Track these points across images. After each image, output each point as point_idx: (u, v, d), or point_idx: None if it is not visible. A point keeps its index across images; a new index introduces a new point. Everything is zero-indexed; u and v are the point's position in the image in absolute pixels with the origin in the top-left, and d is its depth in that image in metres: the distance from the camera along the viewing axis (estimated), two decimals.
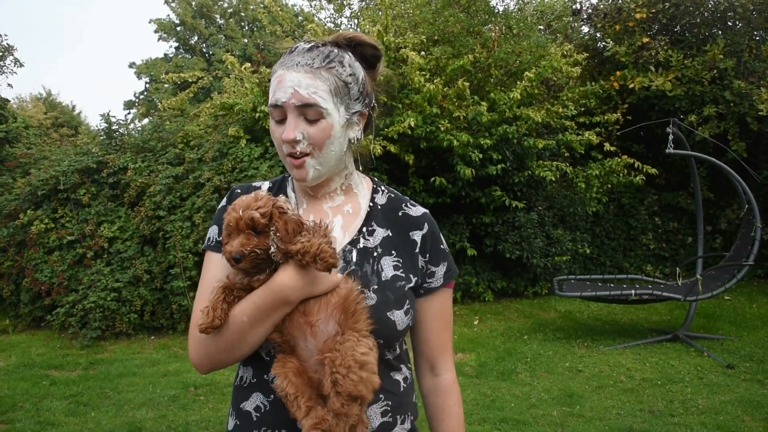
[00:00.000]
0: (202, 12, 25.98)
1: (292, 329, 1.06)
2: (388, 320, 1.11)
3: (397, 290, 1.15)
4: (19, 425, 3.86)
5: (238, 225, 1.03)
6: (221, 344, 1.06)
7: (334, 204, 1.21)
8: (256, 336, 1.06)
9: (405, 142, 6.60)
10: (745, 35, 8.41)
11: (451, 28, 7.13)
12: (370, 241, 1.18)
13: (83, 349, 5.66)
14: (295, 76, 1.09)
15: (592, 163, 7.67)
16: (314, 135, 1.10)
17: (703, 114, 7.92)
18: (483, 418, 3.88)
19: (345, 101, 1.14)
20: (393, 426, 1.18)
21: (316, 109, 1.09)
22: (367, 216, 1.21)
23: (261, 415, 1.12)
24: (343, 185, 1.22)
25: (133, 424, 3.85)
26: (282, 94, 1.10)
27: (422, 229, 1.22)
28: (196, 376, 4.81)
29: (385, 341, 1.12)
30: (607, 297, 5.62)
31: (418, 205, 1.26)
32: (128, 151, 6.95)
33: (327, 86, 1.10)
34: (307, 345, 1.05)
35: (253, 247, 1.02)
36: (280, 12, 8.26)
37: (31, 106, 22.81)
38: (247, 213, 1.02)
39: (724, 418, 3.83)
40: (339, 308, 1.06)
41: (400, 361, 1.21)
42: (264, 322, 1.04)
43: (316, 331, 1.05)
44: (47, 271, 6.21)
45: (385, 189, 1.28)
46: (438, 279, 1.22)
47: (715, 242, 8.83)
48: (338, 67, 1.12)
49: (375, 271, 1.15)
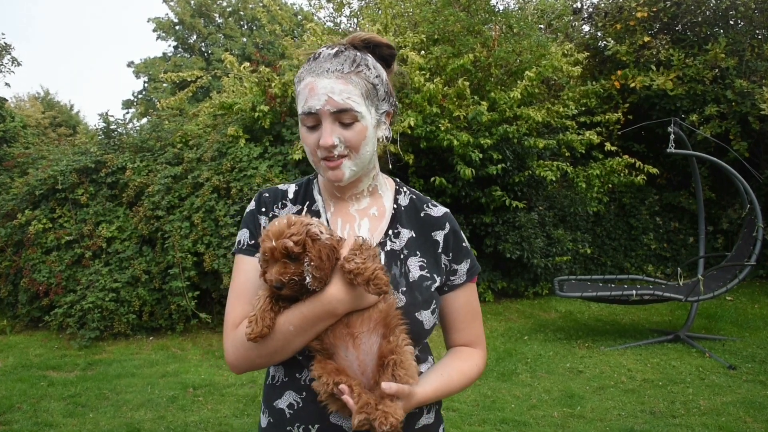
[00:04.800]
0: (201, 11, 25.95)
1: (335, 339, 1.11)
2: (416, 320, 1.16)
3: (424, 291, 1.19)
4: (17, 426, 3.83)
5: (274, 254, 1.06)
6: (264, 351, 1.11)
7: (360, 206, 1.24)
8: (299, 344, 1.11)
9: (405, 142, 6.58)
10: (747, 34, 8.39)
11: (451, 27, 7.11)
12: (396, 243, 1.22)
13: (81, 350, 5.63)
14: (327, 82, 1.12)
15: (593, 162, 7.65)
16: (351, 138, 1.14)
17: (704, 113, 7.89)
18: (483, 418, 3.86)
19: (375, 102, 1.18)
20: (419, 416, 1.21)
21: (351, 113, 1.13)
22: (392, 218, 1.24)
23: (294, 412, 1.17)
24: (370, 187, 1.26)
25: (131, 425, 3.83)
26: (316, 101, 1.12)
27: (444, 229, 1.26)
28: (194, 377, 4.79)
29: (414, 340, 1.16)
30: (608, 297, 5.60)
31: (440, 205, 1.30)
32: (127, 150, 6.92)
33: (359, 90, 1.14)
34: (347, 355, 1.10)
35: (291, 276, 1.05)
36: (279, 11, 8.24)
37: (29, 105, 22.79)
38: (281, 242, 1.05)
39: (726, 419, 3.81)
40: (381, 322, 1.11)
41: (426, 353, 1.27)
42: (309, 331, 1.09)
43: (359, 343, 1.10)
44: (45, 272, 6.18)
45: (407, 190, 1.31)
46: (461, 276, 1.26)
47: (717, 242, 8.81)
48: (365, 70, 1.16)
49: (403, 273, 1.19)
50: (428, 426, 1.23)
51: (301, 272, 1.05)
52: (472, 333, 1.30)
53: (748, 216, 5.79)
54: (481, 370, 1.30)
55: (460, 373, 1.24)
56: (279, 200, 1.27)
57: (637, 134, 8.33)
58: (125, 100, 27.06)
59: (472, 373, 1.26)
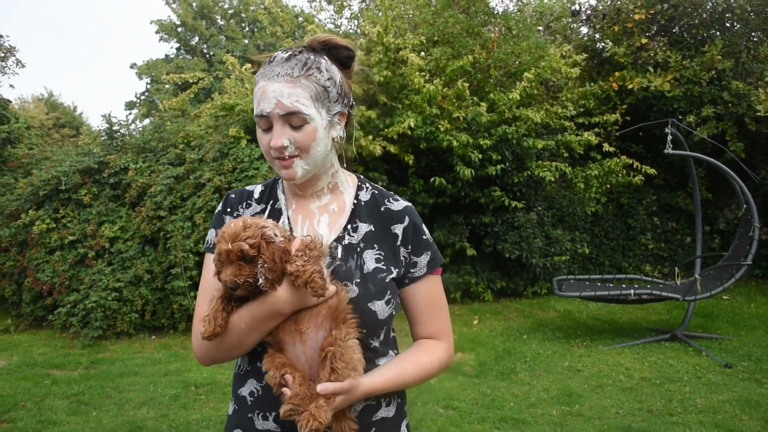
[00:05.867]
0: (203, 13, 25.98)
1: (284, 334, 1.14)
2: (369, 311, 1.18)
3: (378, 282, 1.21)
4: (21, 424, 3.87)
5: (229, 256, 1.08)
6: (222, 346, 1.16)
7: (321, 203, 1.28)
8: (252, 340, 1.15)
9: (405, 143, 6.62)
10: (743, 36, 8.44)
11: (451, 29, 7.15)
12: (354, 237, 1.25)
13: (84, 349, 5.68)
14: (277, 86, 1.15)
15: (591, 163, 7.68)
16: (301, 140, 1.17)
17: (701, 114, 7.94)
18: (482, 417, 3.90)
19: (325, 104, 1.20)
20: (377, 408, 1.23)
21: (299, 116, 1.16)
22: (351, 213, 1.27)
23: (255, 400, 1.21)
24: (330, 184, 1.29)
25: (134, 424, 3.87)
26: (266, 104, 1.16)
27: (403, 222, 1.28)
28: (197, 376, 4.83)
29: (368, 330, 1.19)
30: (606, 297, 5.64)
31: (402, 200, 1.32)
32: (129, 151, 6.97)
33: (308, 93, 1.16)
34: (295, 350, 1.13)
35: (245, 277, 1.08)
36: (281, 13, 8.29)
37: (33, 106, 22.83)
38: (236, 245, 1.07)
39: (722, 417, 3.85)
40: (329, 318, 1.13)
41: (388, 346, 1.27)
42: (260, 329, 1.13)
43: (305, 339, 1.13)
44: (49, 271, 6.22)
45: (369, 186, 1.34)
46: (421, 268, 1.28)
47: (714, 242, 8.85)
48: (316, 73, 1.18)
49: (358, 266, 1.21)
50: (387, 419, 1.24)
51: (255, 274, 1.08)
52: (435, 325, 1.30)
53: (744, 216, 5.83)
54: (444, 362, 1.29)
55: (418, 365, 1.25)
56: (244, 200, 1.32)
57: (634, 135, 8.37)
58: (128, 102, 27.11)
59: (431, 365, 1.27)
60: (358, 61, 1.28)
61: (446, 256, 7.21)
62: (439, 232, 7.09)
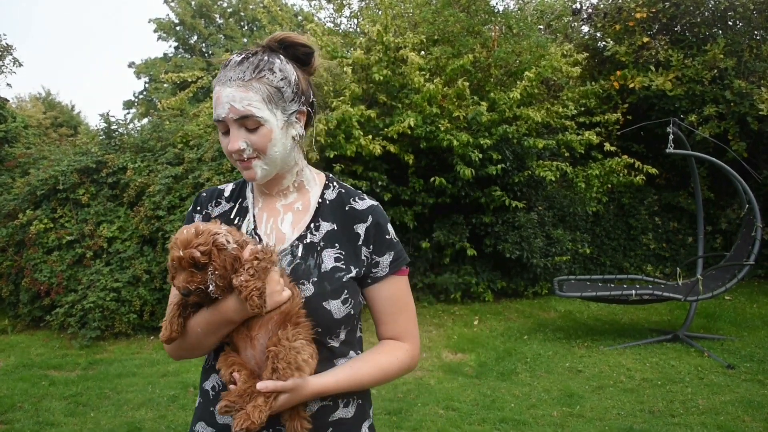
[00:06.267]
0: (202, 12, 25.96)
1: (237, 339, 1.18)
2: (324, 310, 1.19)
3: (335, 281, 1.21)
4: (18, 425, 3.85)
5: (181, 263, 1.10)
6: (184, 346, 1.22)
7: (287, 201, 1.30)
8: (210, 342, 1.20)
9: (405, 142, 6.60)
10: (746, 35, 8.41)
11: (451, 27, 7.12)
12: (316, 236, 1.26)
13: (82, 349, 5.65)
14: (230, 91, 1.17)
15: (592, 162, 7.66)
16: (257, 142, 1.19)
17: (703, 114, 7.91)
18: (483, 418, 3.88)
19: (280, 105, 1.20)
20: (334, 409, 1.23)
21: (252, 119, 1.17)
22: (315, 212, 1.28)
23: (216, 393, 1.25)
24: (296, 182, 1.30)
25: (132, 425, 3.84)
26: (221, 110, 1.18)
27: (366, 222, 1.27)
28: (195, 376, 4.80)
29: (324, 329, 1.20)
30: (608, 297, 5.62)
31: (368, 199, 1.31)
32: (127, 150, 6.94)
33: (260, 96, 1.17)
34: (247, 354, 1.17)
35: (197, 284, 1.10)
36: (280, 12, 8.25)
37: (30, 105, 22.79)
38: (188, 252, 1.09)
39: (725, 418, 3.83)
40: (280, 323, 1.15)
41: (349, 346, 1.27)
42: (215, 333, 1.18)
43: (255, 344, 1.16)
44: (46, 271, 6.20)
45: (337, 185, 1.34)
46: (384, 268, 1.27)
47: (716, 242, 8.83)
48: (268, 74, 1.19)
49: (316, 264, 1.23)
50: (345, 420, 1.24)
51: (207, 281, 1.10)
52: (398, 326, 1.30)
53: (746, 216, 5.80)
54: (405, 363, 1.29)
55: (375, 366, 1.24)
56: (214, 198, 1.35)
57: (636, 134, 8.35)
58: (126, 101, 27.07)
59: (389, 366, 1.26)
60: (318, 57, 1.28)
61: (446, 256, 7.18)
62: (439, 232, 7.06)
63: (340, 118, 5.92)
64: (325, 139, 5.90)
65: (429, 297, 7.21)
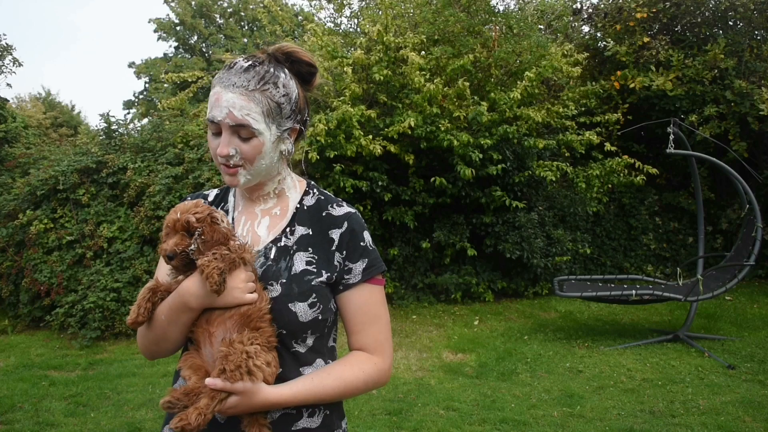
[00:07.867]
0: (202, 12, 25.95)
1: (198, 334, 1.18)
2: (289, 312, 1.18)
3: (303, 284, 1.21)
4: (18, 426, 3.85)
5: (175, 226, 1.16)
6: (150, 337, 1.23)
7: (266, 206, 1.31)
8: (173, 334, 1.20)
9: (405, 142, 6.59)
10: (746, 35, 8.40)
11: (452, 27, 7.11)
12: (290, 239, 1.26)
13: (82, 350, 5.65)
14: (231, 96, 1.17)
15: (593, 163, 7.65)
16: (246, 151, 1.20)
17: (703, 114, 7.90)
18: (483, 418, 3.87)
19: (277, 120, 1.21)
20: (297, 418, 1.20)
21: (248, 129, 1.18)
22: (292, 217, 1.29)
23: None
24: (276, 189, 1.31)
25: (132, 425, 3.84)
26: (218, 112, 1.18)
27: (341, 228, 1.27)
28: None
29: (288, 332, 1.19)
30: (608, 297, 5.61)
31: (346, 206, 1.31)
32: (128, 151, 6.94)
33: (260, 108, 1.18)
34: (206, 351, 1.17)
35: (184, 248, 1.14)
36: (280, 12, 8.25)
37: (30, 105, 22.79)
38: (185, 216, 1.15)
39: (725, 418, 3.82)
40: (240, 323, 1.14)
41: (317, 354, 1.24)
42: (177, 322, 1.18)
43: (213, 342, 1.16)
44: (46, 272, 6.19)
45: (317, 192, 1.35)
46: (356, 275, 1.25)
47: (716, 242, 8.82)
48: (272, 89, 1.19)
49: (287, 266, 1.23)
50: (309, 430, 1.20)
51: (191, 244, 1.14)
52: (369, 337, 1.26)
53: (747, 216, 5.79)
54: (372, 378, 1.24)
55: (338, 378, 1.20)
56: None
57: (636, 134, 8.34)
58: (126, 101, 27.08)
59: (354, 380, 1.21)
60: (318, 77, 1.29)
61: (447, 256, 7.18)
62: (439, 232, 7.06)
63: (341, 118, 5.91)
64: (326, 139, 5.90)
65: (429, 297, 7.21)
